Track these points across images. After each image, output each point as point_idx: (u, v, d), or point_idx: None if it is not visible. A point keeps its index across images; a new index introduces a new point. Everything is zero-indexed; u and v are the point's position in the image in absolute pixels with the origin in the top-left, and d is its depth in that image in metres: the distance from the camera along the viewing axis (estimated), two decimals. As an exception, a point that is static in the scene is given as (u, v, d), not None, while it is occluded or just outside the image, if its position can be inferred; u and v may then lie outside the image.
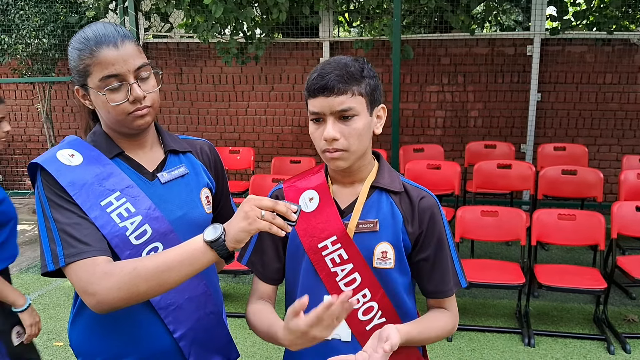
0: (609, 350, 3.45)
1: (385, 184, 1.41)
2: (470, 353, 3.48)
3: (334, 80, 1.27)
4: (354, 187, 1.42)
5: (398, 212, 1.39)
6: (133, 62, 1.30)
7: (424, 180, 4.84)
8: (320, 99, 1.29)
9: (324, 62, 1.34)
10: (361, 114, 1.31)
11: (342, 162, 1.32)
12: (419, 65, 6.46)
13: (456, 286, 1.43)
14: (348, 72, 1.29)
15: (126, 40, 1.31)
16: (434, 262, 1.40)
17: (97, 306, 1.22)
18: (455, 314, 1.46)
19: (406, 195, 1.41)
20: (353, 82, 1.29)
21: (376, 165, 1.45)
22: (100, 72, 1.29)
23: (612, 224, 3.80)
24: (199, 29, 5.47)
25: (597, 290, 3.52)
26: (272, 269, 1.47)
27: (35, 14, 6.25)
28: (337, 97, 1.28)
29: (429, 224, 1.39)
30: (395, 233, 1.38)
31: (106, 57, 1.28)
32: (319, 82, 1.28)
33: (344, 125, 1.30)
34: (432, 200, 1.42)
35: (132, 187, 1.37)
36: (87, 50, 1.29)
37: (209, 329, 1.48)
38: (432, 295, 1.44)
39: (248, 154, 5.90)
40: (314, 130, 1.34)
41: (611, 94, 6.17)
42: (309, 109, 1.33)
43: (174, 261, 1.21)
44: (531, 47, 6.13)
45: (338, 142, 1.29)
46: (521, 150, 6.32)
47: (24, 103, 7.48)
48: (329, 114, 1.29)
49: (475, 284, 3.59)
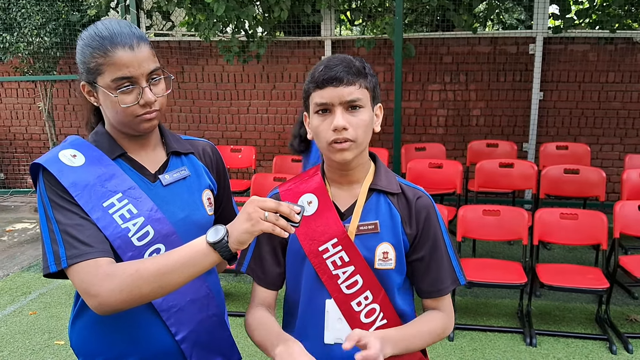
0: (611, 350, 3.44)
1: (383, 186, 1.41)
2: (471, 353, 3.47)
3: (343, 71, 1.29)
4: (352, 189, 1.42)
5: (396, 212, 1.39)
6: (147, 65, 1.30)
7: (425, 179, 4.83)
8: (329, 89, 1.29)
9: (328, 57, 1.35)
10: (367, 106, 1.33)
11: (349, 153, 1.32)
12: (421, 64, 6.45)
13: (454, 284, 1.43)
14: (354, 66, 1.31)
15: (142, 43, 1.30)
16: (429, 262, 1.41)
17: (99, 308, 1.22)
18: (450, 314, 1.45)
19: (403, 196, 1.42)
20: (360, 75, 1.31)
21: (373, 167, 1.45)
22: (114, 73, 1.27)
23: (615, 224, 3.79)
24: (201, 27, 5.46)
25: (599, 290, 3.50)
26: (272, 275, 1.47)
27: (36, 12, 6.25)
28: (347, 87, 1.29)
29: (424, 224, 1.40)
30: (395, 234, 1.38)
31: (121, 59, 1.27)
32: (327, 72, 1.29)
33: (351, 115, 1.30)
34: (428, 200, 1.42)
35: (134, 189, 1.36)
36: (101, 49, 1.27)
37: (211, 331, 1.47)
38: (427, 295, 1.43)
39: (250, 153, 5.89)
40: (319, 123, 1.33)
41: (614, 92, 6.15)
42: (315, 100, 1.32)
43: (177, 263, 1.21)
44: (533, 45, 6.11)
45: (347, 132, 1.29)
46: (523, 149, 6.31)
47: (26, 101, 7.48)
48: (338, 104, 1.30)
49: (477, 283, 3.58)
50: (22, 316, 4.01)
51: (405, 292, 1.46)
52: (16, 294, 4.41)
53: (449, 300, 1.45)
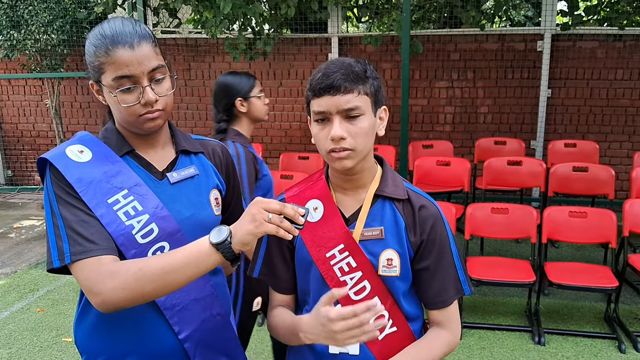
0: (620, 349, 3.42)
1: (389, 192, 1.38)
2: (479, 351, 3.46)
3: (340, 79, 1.25)
4: (357, 195, 1.40)
5: (401, 219, 1.37)
6: (148, 63, 1.29)
7: (433, 177, 4.81)
8: (327, 98, 1.26)
9: (327, 62, 1.32)
10: (366, 113, 1.29)
11: (348, 161, 1.29)
12: (428, 61, 6.43)
13: (458, 293, 1.39)
14: (353, 72, 1.27)
15: (143, 41, 1.30)
16: (434, 272, 1.38)
17: (102, 305, 1.21)
18: (455, 327, 1.42)
19: (409, 203, 1.38)
20: (359, 82, 1.27)
21: (379, 171, 1.42)
22: (114, 72, 1.27)
23: (624, 222, 3.76)
24: (208, 24, 5.45)
25: (608, 288, 3.48)
26: (284, 280, 1.45)
27: (44, 10, 6.26)
28: (344, 95, 1.26)
29: (429, 234, 1.36)
30: (400, 241, 1.36)
31: (120, 58, 1.27)
32: (324, 81, 1.26)
33: (350, 124, 1.27)
34: (434, 209, 1.39)
35: (140, 186, 1.36)
36: (102, 48, 1.28)
37: (215, 331, 1.46)
38: (432, 307, 1.40)
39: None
40: (318, 131, 1.31)
41: (622, 90, 6.11)
42: (314, 109, 1.30)
43: (180, 262, 1.21)
44: (541, 42, 6.08)
45: (345, 141, 1.27)
46: (531, 147, 6.28)
47: (33, 99, 7.51)
48: (335, 113, 1.27)
49: (485, 281, 3.56)
50: (30, 313, 4.03)
51: (412, 297, 1.43)
52: (24, 291, 4.43)
53: (454, 309, 1.41)
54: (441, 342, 1.39)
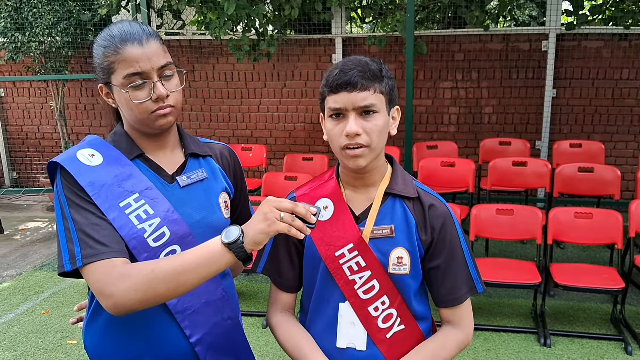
0: (627, 351, 3.40)
1: (399, 190, 1.39)
2: (485, 353, 3.44)
3: (357, 75, 1.27)
4: (367, 192, 1.40)
5: (412, 218, 1.37)
6: (157, 60, 1.31)
7: (437, 177, 4.80)
8: (343, 94, 1.28)
9: (344, 59, 1.34)
10: (381, 111, 1.31)
11: (362, 159, 1.30)
12: (433, 61, 6.41)
13: (471, 291, 1.40)
14: (370, 70, 1.29)
15: (151, 39, 1.32)
16: (445, 270, 1.38)
17: (114, 308, 1.21)
18: (467, 325, 1.42)
19: (419, 202, 1.39)
20: (375, 80, 1.29)
21: (389, 170, 1.43)
22: (124, 70, 1.29)
23: (630, 223, 3.74)
24: (211, 25, 5.46)
25: (614, 289, 3.46)
26: (288, 277, 1.46)
27: (48, 12, 6.27)
28: (360, 92, 1.27)
29: (440, 232, 1.37)
30: (410, 239, 1.36)
31: (130, 55, 1.28)
32: (341, 77, 1.27)
33: (365, 121, 1.29)
34: (443, 208, 1.40)
35: (151, 189, 1.36)
36: (111, 47, 1.30)
37: (226, 334, 1.46)
38: (443, 304, 1.41)
39: (260, 151, 5.88)
40: (332, 127, 1.32)
41: (628, 89, 6.08)
42: (329, 105, 1.31)
43: (192, 263, 1.20)
44: (546, 42, 6.06)
45: (360, 137, 1.28)
46: (536, 147, 6.26)
47: (38, 101, 7.52)
48: (351, 110, 1.28)
49: (490, 283, 3.55)
50: (34, 315, 4.03)
51: (421, 296, 1.44)
52: (29, 292, 4.43)
53: (466, 308, 1.42)
54: (453, 341, 1.39)
